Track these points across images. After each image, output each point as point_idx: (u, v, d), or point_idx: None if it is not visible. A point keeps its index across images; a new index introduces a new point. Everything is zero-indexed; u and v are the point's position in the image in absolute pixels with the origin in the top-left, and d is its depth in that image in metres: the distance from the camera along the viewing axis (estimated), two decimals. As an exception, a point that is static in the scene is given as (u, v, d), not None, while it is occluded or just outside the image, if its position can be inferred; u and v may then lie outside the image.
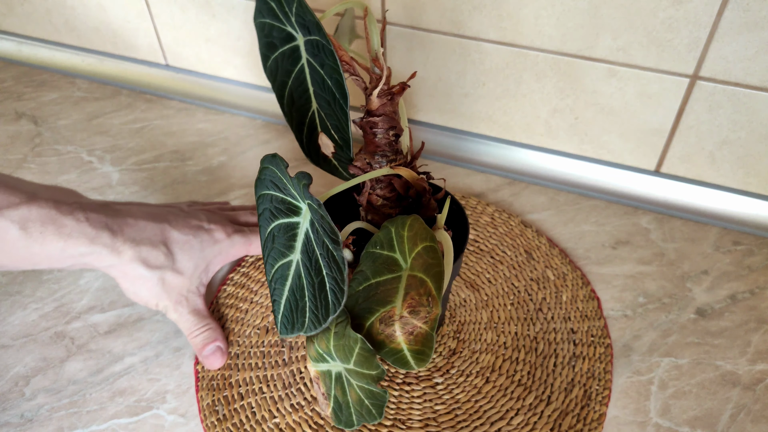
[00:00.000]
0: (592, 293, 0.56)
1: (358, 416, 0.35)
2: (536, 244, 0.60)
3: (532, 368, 0.50)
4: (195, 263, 0.50)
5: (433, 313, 0.32)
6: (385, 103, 0.42)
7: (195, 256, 0.50)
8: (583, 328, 0.53)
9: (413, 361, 0.32)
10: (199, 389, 0.51)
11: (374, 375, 0.33)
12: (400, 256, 0.35)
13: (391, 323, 0.32)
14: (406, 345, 0.32)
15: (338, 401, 0.35)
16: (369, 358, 0.33)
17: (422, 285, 0.33)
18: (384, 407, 0.34)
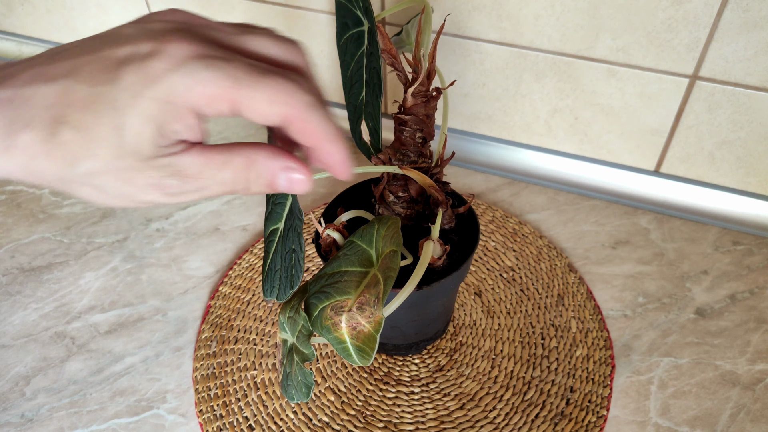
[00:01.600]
0: (610, 359, 0.51)
1: (295, 391, 0.36)
2: (573, 290, 0.57)
3: (513, 411, 0.48)
4: (110, 127, 0.24)
5: (376, 316, 0.33)
6: (418, 104, 0.42)
7: (108, 118, 0.24)
8: (584, 390, 0.49)
9: (356, 356, 0.34)
10: (204, 321, 0.54)
11: (306, 354, 0.35)
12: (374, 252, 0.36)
13: (340, 312, 0.33)
14: (348, 338, 0.33)
15: (286, 371, 0.36)
16: (307, 338, 0.35)
17: (376, 286, 0.34)
18: (311, 390, 0.35)
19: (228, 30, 0.26)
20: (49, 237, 0.64)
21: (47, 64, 0.25)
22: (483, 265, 0.60)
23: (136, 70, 0.23)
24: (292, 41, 0.27)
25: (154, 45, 0.24)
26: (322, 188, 0.69)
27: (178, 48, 0.24)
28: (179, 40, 0.24)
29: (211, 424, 0.48)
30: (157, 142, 0.25)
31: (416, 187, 0.45)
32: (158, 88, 0.24)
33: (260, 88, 0.24)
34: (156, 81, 0.23)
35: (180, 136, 0.25)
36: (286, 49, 0.27)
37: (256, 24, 0.28)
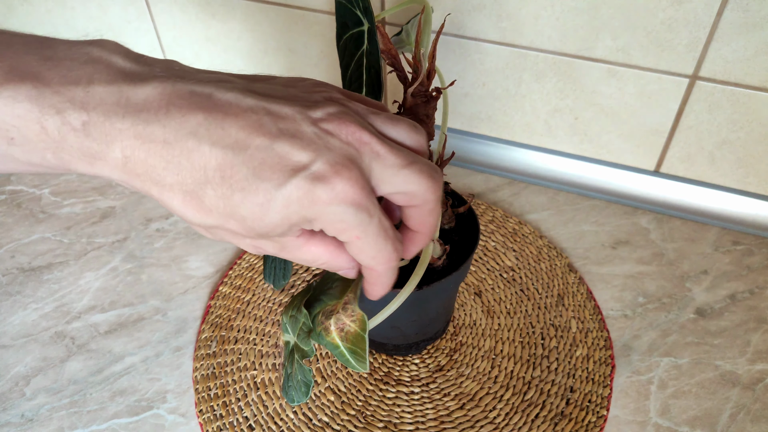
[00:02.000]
0: (610, 359, 0.51)
1: (295, 392, 0.36)
2: (573, 290, 0.57)
3: (513, 411, 0.48)
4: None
5: (357, 313, 0.33)
6: (418, 104, 0.42)
7: (254, 207, 0.27)
8: (584, 390, 0.49)
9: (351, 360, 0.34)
10: (204, 321, 0.55)
11: (306, 351, 0.35)
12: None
13: (330, 316, 0.34)
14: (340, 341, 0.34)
15: (287, 372, 0.37)
16: (307, 334, 0.35)
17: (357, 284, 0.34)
18: (310, 388, 0.35)
19: (378, 119, 0.30)
20: (49, 237, 0.64)
21: (219, 115, 0.26)
22: (483, 265, 0.60)
23: (302, 187, 0.26)
24: (421, 129, 0.32)
25: (327, 168, 0.26)
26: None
27: (344, 187, 0.26)
28: (348, 178, 0.27)
29: (211, 424, 0.48)
30: (282, 234, 0.28)
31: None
32: (311, 211, 0.27)
33: (378, 243, 0.29)
34: (313, 206, 0.26)
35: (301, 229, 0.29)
36: (418, 139, 0.31)
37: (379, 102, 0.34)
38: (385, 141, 0.29)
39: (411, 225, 0.32)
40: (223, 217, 0.27)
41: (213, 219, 0.27)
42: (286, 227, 0.28)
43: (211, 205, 0.27)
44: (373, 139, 0.28)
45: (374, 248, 0.29)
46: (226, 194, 0.26)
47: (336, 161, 0.26)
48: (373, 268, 0.30)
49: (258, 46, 0.76)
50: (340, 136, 0.27)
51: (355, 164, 0.27)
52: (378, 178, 0.28)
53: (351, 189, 0.27)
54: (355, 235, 0.28)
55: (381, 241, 0.29)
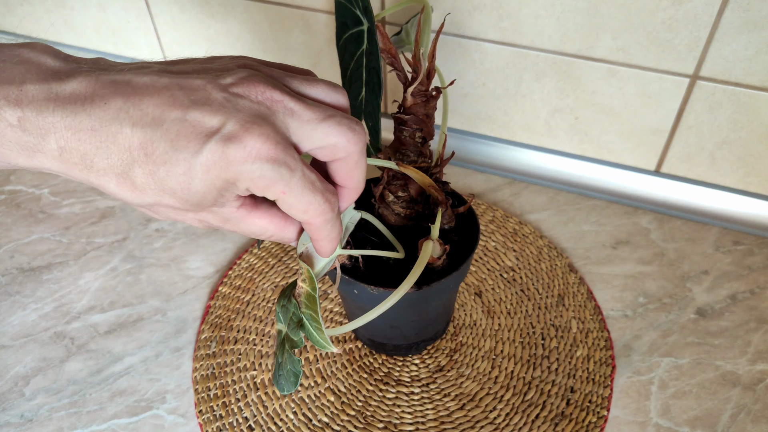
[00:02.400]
0: (610, 359, 0.51)
1: (284, 380, 0.36)
2: (573, 290, 0.57)
3: (513, 412, 0.48)
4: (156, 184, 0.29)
5: (303, 269, 0.35)
6: (418, 103, 0.42)
7: (179, 178, 0.28)
8: (585, 390, 0.49)
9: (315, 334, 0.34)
10: (203, 322, 0.55)
11: (295, 341, 0.35)
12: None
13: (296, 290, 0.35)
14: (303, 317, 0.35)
15: (278, 361, 0.37)
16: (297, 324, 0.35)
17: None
18: (299, 378, 0.36)
19: (294, 80, 0.32)
20: (48, 237, 0.64)
21: (136, 98, 0.27)
22: (483, 265, 0.60)
23: (216, 150, 0.27)
24: (341, 88, 0.33)
25: (237, 128, 0.27)
26: (322, 188, 0.69)
27: (256, 143, 0.27)
28: (259, 134, 0.28)
29: (211, 425, 0.48)
30: (215, 202, 0.30)
31: (416, 187, 0.45)
32: (229, 172, 0.28)
33: (306, 196, 0.30)
34: (229, 166, 0.27)
35: (236, 196, 0.30)
36: (337, 97, 0.33)
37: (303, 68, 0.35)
38: (299, 98, 0.30)
39: (338, 180, 0.33)
40: (156, 193, 0.29)
41: (148, 197, 0.29)
42: (215, 193, 0.29)
43: (142, 183, 0.28)
44: (285, 97, 0.29)
45: (303, 201, 0.30)
46: (152, 170, 0.28)
47: (246, 120, 0.28)
48: (309, 222, 0.31)
49: (258, 46, 0.76)
50: (250, 96, 0.29)
51: (266, 121, 0.28)
52: (297, 135, 0.30)
53: (263, 145, 0.27)
54: (280, 191, 0.29)
55: (308, 193, 0.30)
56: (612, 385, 0.50)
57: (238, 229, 0.33)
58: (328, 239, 0.33)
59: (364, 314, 0.36)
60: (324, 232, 0.32)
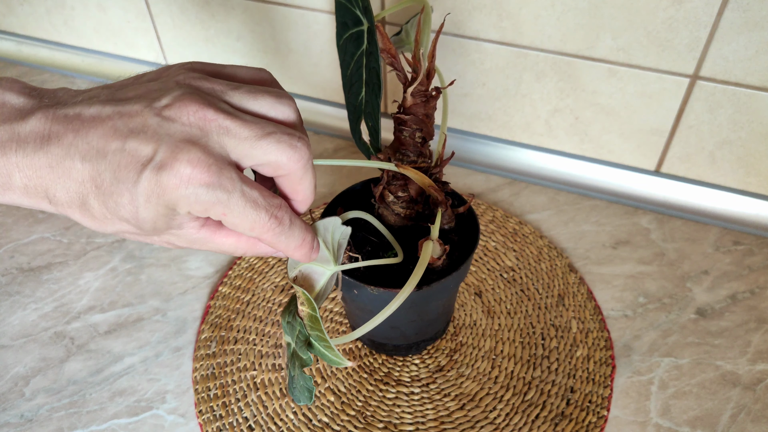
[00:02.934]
0: (610, 359, 0.51)
1: (299, 393, 0.36)
2: (573, 290, 0.57)
3: (513, 412, 0.48)
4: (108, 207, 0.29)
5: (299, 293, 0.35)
6: (418, 104, 0.42)
7: (128, 207, 0.29)
8: (585, 390, 0.49)
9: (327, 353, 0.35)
10: (203, 322, 0.55)
11: (304, 360, 0.35)
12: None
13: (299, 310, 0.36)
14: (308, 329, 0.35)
15: (291, 374, 0.37)
16: (304, 343, 0.35)
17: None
18: (312, 393, 0.36)
19: (236, 94, 0.31)
20: (48, 237, 0.64)
21: (83, 132, 0.29)
22: (483, 265, 0.60)
23: (151, 179, 0.28)
24: (288, 99, 0.32)
25: (168, 155, 0.28)
26: (323, 188, 0.69)
27: (186, 169, 0.28)
28: (188, 160, 0.28)
29: (211, 425, 0.48)
30: (169, 225, 0.30)
31: (416, 187, 0.45)
32: (168, 199, 0.28)
33: (249, 215, 0.30)
34: (166, 194, 0.28)
35: (193, 218, 0.30)
36: (283, 110, 0.32)
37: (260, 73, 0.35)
38: (235, 115, 0.30)
39: (285, 193, 0.33)
40: (114, 222, 0.30)
41: (108, 226, 0.30)
42: (164, 219, 0.29)
43: (99, 213, 0.29)
44: (219, 115, 0.29)
45: (246, 220, 0.30)
46: (104, 201, 0.29)
47: (176, 146, 0.28)
48: (260, 238, 0.31)
49: (258, 46, 0.76)
50: (181, 118, 0.29)
51: (197, 144, 0.28)
52: (235, 153, 0.30)
53: (193, 170, 0.28)
54: (220, 212, 0.29)
55: (251, 211, 0.30)
56: (612, 385, 0.50)
57: (208, 249, 0.33)
58: (291, 248, 0.33)
59: (368, 321, 0.36)
60: (281, 244, 0.32)
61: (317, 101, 0.77)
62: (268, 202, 0.30)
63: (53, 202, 0.29)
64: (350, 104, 0.43)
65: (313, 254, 0.35)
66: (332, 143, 0.75)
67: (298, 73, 0.76)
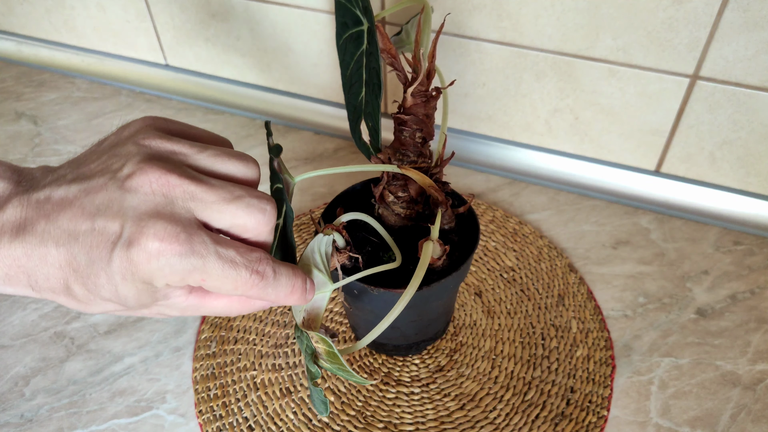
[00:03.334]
0: (610, 359, 0.51)
1: (317, 404, 0.37)
2: (573, 290, 0.57)
3: (513, 412, 0.48)
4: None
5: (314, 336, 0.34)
6: (418, 104, 0.42)
7: (107, 287, 0.29)
8: (585, 390, 0.49)
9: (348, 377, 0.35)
10: (203, 321, 0.55)
11: (313, 372, 0.35)
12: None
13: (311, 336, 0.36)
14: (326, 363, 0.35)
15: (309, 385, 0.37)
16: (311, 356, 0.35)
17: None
18: (327, 405, 0.36)
19: (201, 157, 0.31)
20: (48, 237, 0.64)
21: (54, 216, 0.28)
22: (483, 265, 0.60)
23: (122, 256, 0.27)
24: (253, 161, 0.33)
25: (134, 231, 0.27)
26: (322, 188, 0.69)
27: (154, 243, 0.27)
28: (154, 233, 0.27)
29: (211, 425, 0.48)
30: (155, 298, 0.30)
31: (416, 187, 0.45)
32: (141, 274, 0.28)
33: (228, 276, 0.29)
34: (139, 270, 0.27)
35: (177, 287, 0.30)
36: (248, 172, 0.32)
37: (219, 137, 0.35)
38: (198, 179, 0.29)
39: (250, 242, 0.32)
40: (99, 302, 0.29)
41: (95, 306, 0.30)
42: (147, 294, 0.29)
43: (83, 296, 0.29)
44: (183, 181, 0.28)
45: (227, 281, 0.29)
46: (84, 283, 0.28)
47: (140, 219, 0.27)
48: (247, 295, 0.30)
49: (258, 46, 0.76)
50: (144, 188, 0.28)
51: (161, 214, 0.28)
52: (204, 216, 0.29)
53: (161, 242, 0.27)
54: (200, 279, 0.28)
55: (230, 272, 0.28)
56: (612, 385, 0.50)
57: (202, 314, 0.32)
58: (283, 297, 0.31)
59: (373, 325, 0.37)
60: (271, 296, 0.31)
61: (317, 101, 0.77)
62: (246, 259, 0.29)
63: (35, 288, 0.29)
64: (350, 104, 0.43)
65: (308, 295, 0.33)
66: (332, 143, 0.75)
67: (298, 73, 0.76)
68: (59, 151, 0.74)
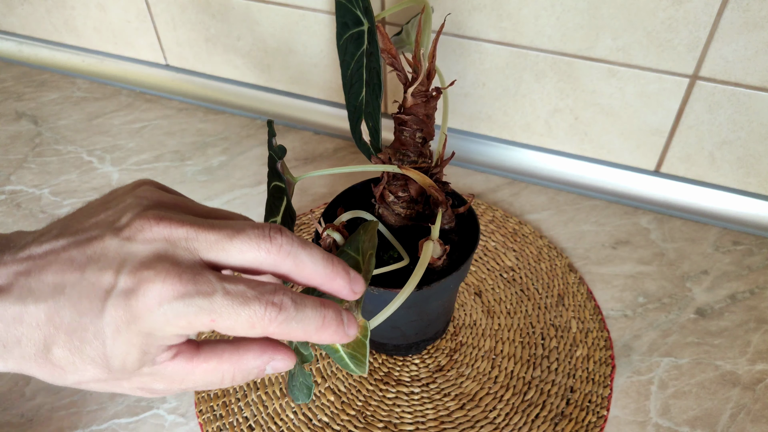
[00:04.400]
0: (610, 359, 0.51)
1: (298, 391, 0.36)
2: (573, 290, 0.57)
3: (513, 411, 0.48)
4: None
5: (360, 320, 0.33)
6: (418, 104, 0.42)
7: (94, 345, 0.26)
8: (584, 390, 0.49)
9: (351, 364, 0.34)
10: None
11: (305, 355, 0.35)
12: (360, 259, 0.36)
13: None
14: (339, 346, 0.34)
15: (291, 372, 0.37)
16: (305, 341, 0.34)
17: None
18: (311, 391, 0.36)
19: (199, 208, 0.29)
20: (48, 237, 0.64)
21: (35, 272, 0.26)
22: (483, 265, 0.60)
23: (118, 306, 0.25)
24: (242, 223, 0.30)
25: (132, 279, 0.25)
26: (322, 188, 0.69)
27: (156, 288, 0.25)
28: (154, 279, 0.25)
29: (211, 425, 0.48)
30: (142, 361, 0.26)
31: (416, 187, 0.45)
32: (141, 324, 0.25)
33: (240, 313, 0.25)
34: (139, 320, 0.25)
35: (165, 347, 0.27)
36: (241, 218, 0.30)
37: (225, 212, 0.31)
38: (199, 222, 0.27)
39: (315, 287, 0.29)
40: (78, 366, 0.26)
41: (71, 374, 0.26)
42: (136, 353, 0.26)
43: (61, 359, 0.26)
44: (183, 225, 0.26)
45: (241, 319, 0.26)
46: (67, 342, 0.25)
47: (140, 266, 0.25)
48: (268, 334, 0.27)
49: (258, 46, 0.76)
50: (144, 234, 0.26)
51: (164, 258, 0.25)
52: (211, 257, 0.26)
53: (163, 286, 0.25)
54: (209, 321, 0.25)
55: (241, 308, 0.25)
56: (612, 385, 0.50)
57: (193, 386, 0.29)
58: (314, 332, 0.27)
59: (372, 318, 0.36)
60: (299, 332, 0.27)
61: (317, 101, 0.77)
62: (258, 292, 0.26)
63: (2, 356, 0.26)
64: (350, 104, 0.43)
65: (348, 330, 0.29)
66: (332, 143, 0.75)
67: (298, 73, 0.76)
68: (60, 151, 0.75)
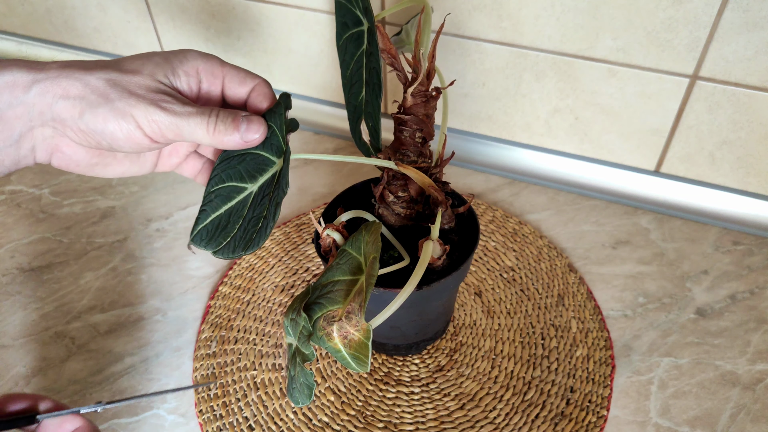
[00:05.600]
0: (610, 359, 0.51)
1: (298, 393, 0.36)
2: (573, 290, 0.57)
3: (513, 411, 0.48)
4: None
5: (362, 324, 0.33)
6: (418, 104, 0.42)
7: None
8: (584, 390, 0.49)
9: (353, 363, 0.34)
10: (203, 321, 0.55)
11: (306, 354, 0.35)
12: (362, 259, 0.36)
13: (331, 323, 0.34)
14: (342, 347, 0.34)
15: (291, 374, 0.37)
16: (307, 338, 0.35)
17: (360, 293, 0.34)
18: (312, 391, 0.36)
19: None
20: (48, 237, 0.64)
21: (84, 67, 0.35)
22: (483, 265, 0.60)
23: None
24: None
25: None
26: (322, 188, 0.69)
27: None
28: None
29: (211, 425, 0.48)
30: (159, 83, 0.35)
31: (416, 187, 0.45)
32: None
33: (237, 71, 0.37)
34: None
35: (177, 86, 0.36)
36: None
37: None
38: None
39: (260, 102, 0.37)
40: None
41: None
42: (158, 78, 0.36)
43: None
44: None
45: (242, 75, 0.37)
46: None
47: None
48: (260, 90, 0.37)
49: (258, 46, 0.76)
50: None
51: None
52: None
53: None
54: (222, 71, 0.37)
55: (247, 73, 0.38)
56: (612, 385, 0.50)
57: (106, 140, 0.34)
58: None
59: (372, 318, 0.36)
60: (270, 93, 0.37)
61: (317, 101, 0.77)
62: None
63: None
64: (350, 104, 0.43)
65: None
66: (332, 143, 0.75)
67: (298, 73, 0.76)
68: (59, 151, 0.74)
